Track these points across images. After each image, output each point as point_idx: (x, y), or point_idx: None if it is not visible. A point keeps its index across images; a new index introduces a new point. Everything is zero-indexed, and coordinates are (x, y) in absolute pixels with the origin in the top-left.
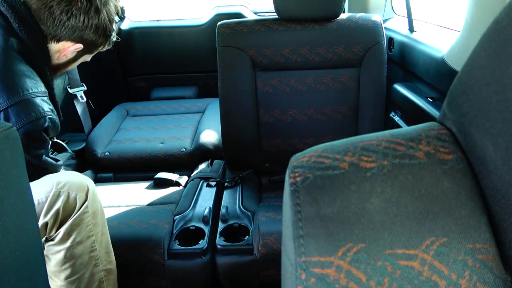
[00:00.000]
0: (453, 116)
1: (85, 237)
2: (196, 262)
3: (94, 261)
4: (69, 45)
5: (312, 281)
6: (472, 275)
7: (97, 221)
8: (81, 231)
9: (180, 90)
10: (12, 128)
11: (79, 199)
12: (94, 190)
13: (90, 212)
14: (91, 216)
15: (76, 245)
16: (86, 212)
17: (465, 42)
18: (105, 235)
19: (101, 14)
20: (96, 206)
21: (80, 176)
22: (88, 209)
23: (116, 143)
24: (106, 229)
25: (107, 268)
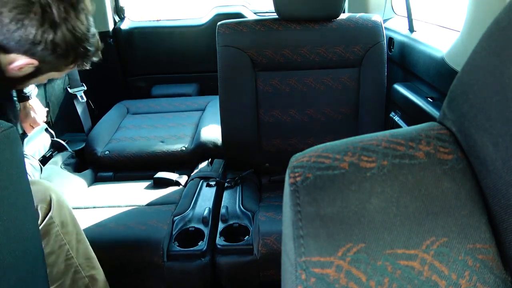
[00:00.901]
0: (453, 116)
1: (57, 247)
2: (195, 263)
3: (73, 268)
4: (20, 58)
5: (312, 281)
6: (472, 275)
7: (67, 230)
8: (49, 242)
9: (180, 87)
10: (12, 128)
11: (41, 210)
12: (61, 199)
13: (57, 222)
14: (59, 226)
15: (48, 256)
16: (51, 223)
17: (465, 42)
18: (82, 242)
19: (59, 30)
20: (64, 216)
21: (43, 186)
22: (54, 219)
23: (116, 142)
24: (82, 235)
25: (90, 274)
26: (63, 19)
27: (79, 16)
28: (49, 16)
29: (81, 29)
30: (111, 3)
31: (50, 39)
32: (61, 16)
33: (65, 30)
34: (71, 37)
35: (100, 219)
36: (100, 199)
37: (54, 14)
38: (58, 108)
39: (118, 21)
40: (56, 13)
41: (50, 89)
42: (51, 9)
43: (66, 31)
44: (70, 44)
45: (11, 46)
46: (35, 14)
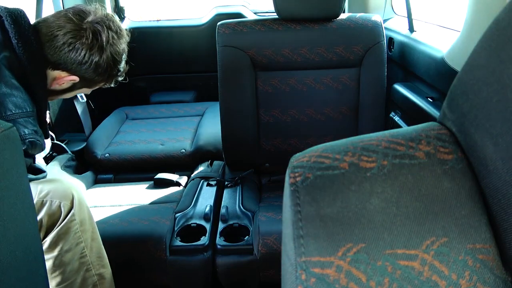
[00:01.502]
0: (453, 116)
1: (74, 245)
2: (198, 258)
3: (85, 266)
4: (64, 75)
5: (312, 281)
6: (472, 275)
7: (85, 228)
8: (68, 239)
9: (178, 95)
10: (12, 128)
11: (64, 207)
12: (81, 197)
13: (77, 220)
14: (78, 223)
15: (65, 253)
16: (73, 220)
17: (465, 42)
18: (96, 240)
19: (105, 53)
20: (83, 213)
21: (65, 184)
22: (75, 217)
23: (116, 145)
24: (97, 234)
25: (99, 273)
26: (109, 45)
27: (120, 42)
28: (98, 42)
29: (120, 54)
30: (111, 3)
31: (95, 61)
32: (108, 42)
33: (109, 54)
34: (111, 60)
35: (102, 216)
36: (102, 199)
37: (104, 40)
38: (58, 108)
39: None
40: (104, 40)
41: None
42: (101, 36)
43: (110, 55)
44: (109, 65)
45: (62, 64)
46: (86, 39)
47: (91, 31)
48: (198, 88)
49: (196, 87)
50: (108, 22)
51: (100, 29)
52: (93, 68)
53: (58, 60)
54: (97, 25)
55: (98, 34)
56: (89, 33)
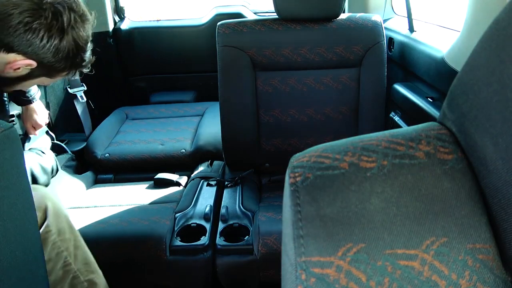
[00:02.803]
0: (453, 116)
1: (54, 255)
2: (198, 258)
3: (71, 274)
4: (20, 58)
5: (312, 281)
6: (472, 275)
7: (65, 237)
8: (46, 250)
9: (178, 95)
10: (12, 128)
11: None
12: (57, 206)
13: (54, 231)
14: (56, 234)
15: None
16: (48, 231)
17: (465, 42)
18: (80, 248)
19: (66, 37)
20: (61, 223)
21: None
22: (51, 227)
23: (116, 145)
24: (80, 241)
25: (89, 279)
26: (71, 28)
27: (84, 26)
28: (58, 23)
29: (84, 39)
30: (111, 3)
31: (54, 44)
32: (70, 24)
33: (70, 38)
34: (73, 45)
35: (102, 216)
36: (102, 199)
37: (64, 22)
38: (58, 108)
39: (118, 21)
40: (65, 21)
41: (50, 89)
42: (61, 17)
43: (71, 39)
44: (71, 51)
45: (17, 45)
46: (45, 19)
47: (51, 11)
48: (198, 88)
49: (196, 87)
50: (71, 3)
51: (61, 10)
52: (53, 52)
53: (12, 42)
54: (58, 5)
55: (59, 15)
56: (49, 13)
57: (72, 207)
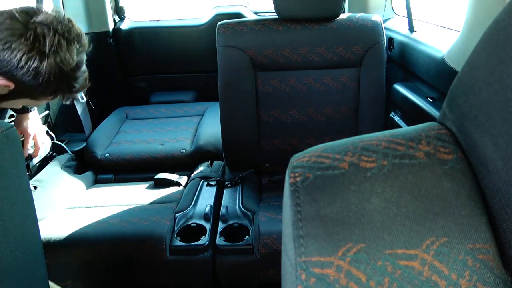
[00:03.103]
0: (453, 116)
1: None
2: (198, 258)
3: None
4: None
5: (312, 281)
6: (472, 275)
7: None
8: None
9: (178, 95)
10: (12, 128)
11: None
12: None
13: None
14: None
15: None
16: None
17: (465, 42)
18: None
19: (46, 60)
20: None
21: None
22: None
23: (116, 145)
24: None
25: None
26: (53, 51)
27: (70, 51)
28: (40, 45)
29: (70, 64)
30: (111, 3)
31: (34, 67)
32: (52, 47)
33: (52, 62)
34: (56, 70)
35: (102, 217)
36: (102, 199)
37: (46, 44)
38: (58, 108)
39: (118, 21)
40: (48, 44)
41: None
42: (44, 39)
43: (53, 63)
44: (54, 76)
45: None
46: (26, 40)
47: (34, 32)
48: (198, 88)
49: (196, 87)
50: (58, 25)
51: (45, 32)
52: (32, 75)
53: None
54: (44, 27)
55: (42, 37)
56: (31, 34)
57: (72, 207)
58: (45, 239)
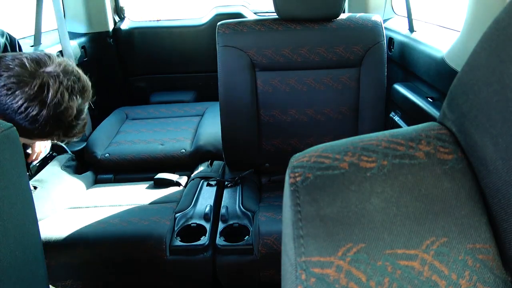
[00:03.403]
0: (453, 116)
1: None
2: (198, 258)
3: None
4: None
5: (312, 281)
6: (472, 275)
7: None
8: None
9: (178, 95)
10: (12, 128)
11: None
12: None
13: None
14: None
15: None
16: None
17: (465, 42)
18: None
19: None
20: None
21: None
22: None
23: (116, 145)
24: None
25: None
26: (54, 103)
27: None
28: (42, 96)
29: (69, 115)
30: (111, 3)
31: (32, 115)
32: (54, 100)
33: (52, 112)
34: (55, 119)
35: (102, 217)
36: (102, 199)
37: (49, 96)
38: None
39: (118, 21)
40: (50, 96)
41: None
42: (48, 90)
43: (52, 113)
44: (50, 123)
45: None
46: (30, 89)
47: (40, 82)
48: (198, 88)
49: (196, 87)
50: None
51: (51, 83)
52: (29, 121)
53: None
54: (50, 78)
55: (46, 88)
56: (36, 84)
57: (72, 207)
58: (45, 239)
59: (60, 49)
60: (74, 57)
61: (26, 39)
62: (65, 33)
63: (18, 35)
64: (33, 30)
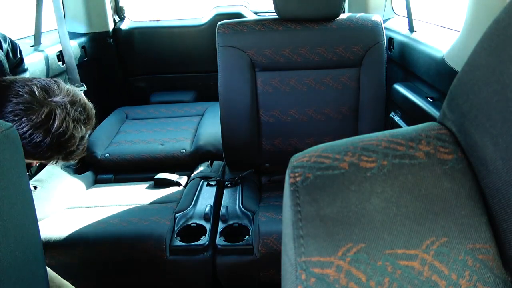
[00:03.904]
0: (453, 116)
1: None
2: (198, 258)
3: None
4: None
5: (312, 281)
6: (472, 275)
7: None
8: None
9: (178, 95)
10: (12, 128)
11: None
12: None
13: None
14: None
15: None
16: None
17: (465, 42)
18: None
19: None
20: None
21: None
22: None
23: (116, 145)
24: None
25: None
26: (58, 133)
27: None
28: (48, 125)
29: (72, 142)
30: (111, 3)
31: (35, 141)
32: (59, 130)
33: (55, 140)
34: (57, 146)
35: (102, 217)
36: (102, 199)
37: (54, 125)
38: None
39: (118, 21)
40: (56, 125)
41: None
42: (54, 120)
43: (56, 141)
44: (51, 148)
45: None
46: (37, 117)
47: (47, 111)
48: (198, 88)
49: (196, 87)
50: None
51: (57, 113)
52: (32, 146)
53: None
54: (57, 108)
55: (52, 117)
56: (43, 112)
57: (72, 207)
58: (45, 239)
59: (60, 49)
60: (74, 57)
61: (26, 39)
62: (65, 33)
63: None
64: (33, 30)
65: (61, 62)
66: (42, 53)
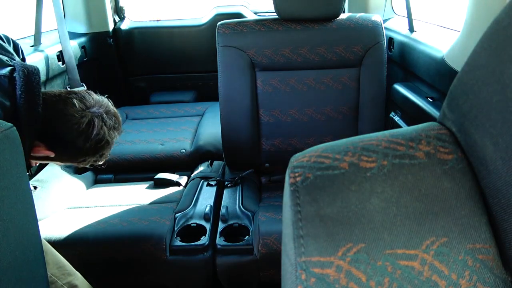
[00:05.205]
0: (453, 116)
1: None
2: (198, 258)
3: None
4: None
5: (312, 281)
6: (472, 275)
7: None
8: None
9: (178, 95)
10: (12, 128)
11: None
12: None
13: None
14: None
15: None
16: None
17: (465, 42)
18: (48, 253)
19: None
20: None
21: None
22: None
23: (115, 145)
24: (47, 246)
25: (67, 281)
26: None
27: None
28: (88, 132)
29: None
30: (111, 3)
31: (76, 147)
32: (97, 136)
33: (93, 145)
34: (94, 150)
35: (102, 217)
36: (102, 199)
37: (93, 133)
38: None
39: (118, 21)
40: (94, 133)
41: (50, 88)
42: (93, 128)
43: (93, 145)
44: (86, 155)
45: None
46: (79, 126)
47: (87, 120)
48: (198, 88)
49: (196, 87)
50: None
51: (95, 123)
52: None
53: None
54: (95, 118)
55: (92, 126)
56: (84, 122)
57: (72, 207)
58: (45, 239)
59: (60, 49)
60: (74, 57)
61: (26, 39)
62: (65, 33)
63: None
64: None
65: (61, 62)
66: (42, 53)
